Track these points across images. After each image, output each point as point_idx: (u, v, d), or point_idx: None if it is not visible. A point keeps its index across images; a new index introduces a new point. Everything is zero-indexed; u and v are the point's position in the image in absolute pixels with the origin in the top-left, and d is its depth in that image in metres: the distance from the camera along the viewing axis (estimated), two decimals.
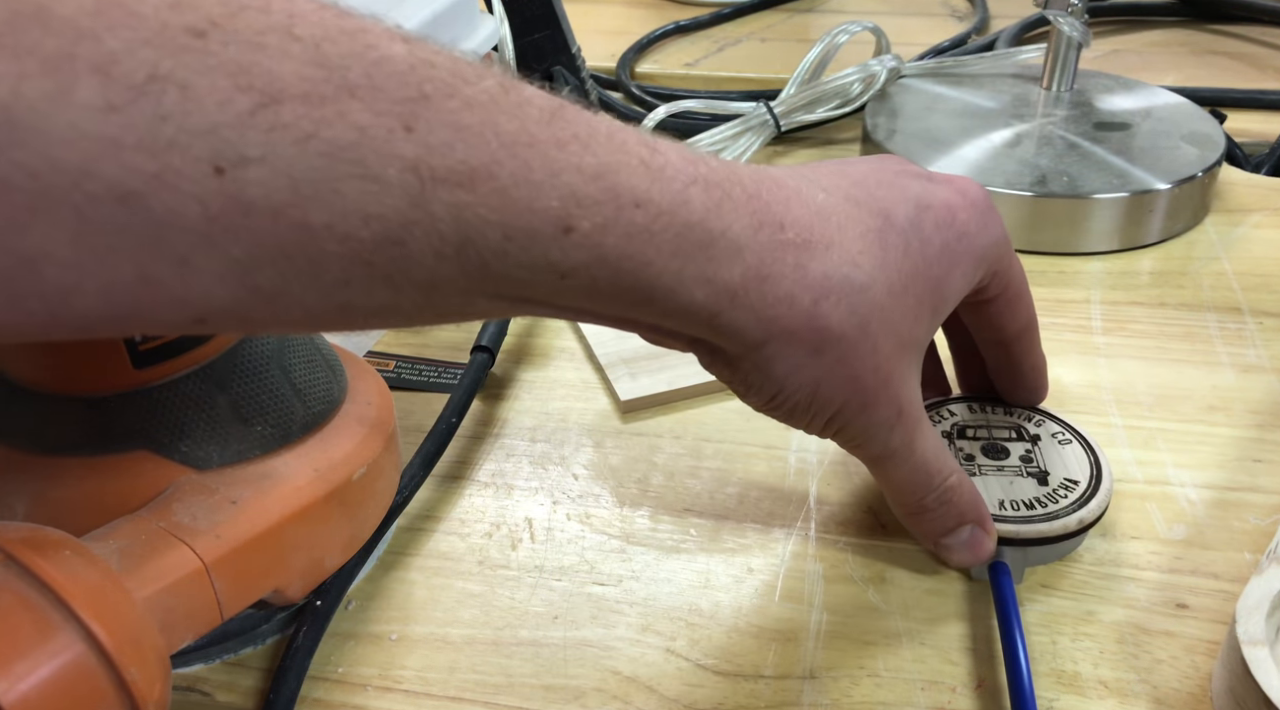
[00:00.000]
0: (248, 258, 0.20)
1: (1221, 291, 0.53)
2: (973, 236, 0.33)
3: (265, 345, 0.33)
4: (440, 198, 0.22)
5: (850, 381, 0.30)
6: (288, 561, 0.32)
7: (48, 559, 0.26)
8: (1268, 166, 0.68)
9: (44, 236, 0.19)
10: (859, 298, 0.29)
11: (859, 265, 0.30)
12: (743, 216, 0.27)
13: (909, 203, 0.32)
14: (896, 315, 0.31)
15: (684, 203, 0.26)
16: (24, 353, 0.31)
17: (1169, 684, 0.33)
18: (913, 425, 0.33)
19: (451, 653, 0.35)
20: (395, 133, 0.21)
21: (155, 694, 0.26)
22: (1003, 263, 0.35)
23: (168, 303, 0.21)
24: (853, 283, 0.29)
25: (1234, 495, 0.40)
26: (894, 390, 0.31)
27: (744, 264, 0.27)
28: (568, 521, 0.41)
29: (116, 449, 0.31)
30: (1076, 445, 0.40)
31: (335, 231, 0.21)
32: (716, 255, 0.27)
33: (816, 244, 0.29)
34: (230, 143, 0.19)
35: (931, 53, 0.82)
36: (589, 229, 0.24)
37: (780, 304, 0.28)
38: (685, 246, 0.26)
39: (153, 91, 0.19)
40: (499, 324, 0.48)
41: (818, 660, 0.34)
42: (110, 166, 0.19)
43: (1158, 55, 0.83)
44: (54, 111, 0.18)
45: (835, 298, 0.29)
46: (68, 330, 0.21)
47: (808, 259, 0.29)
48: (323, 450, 0.33)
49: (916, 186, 0.33)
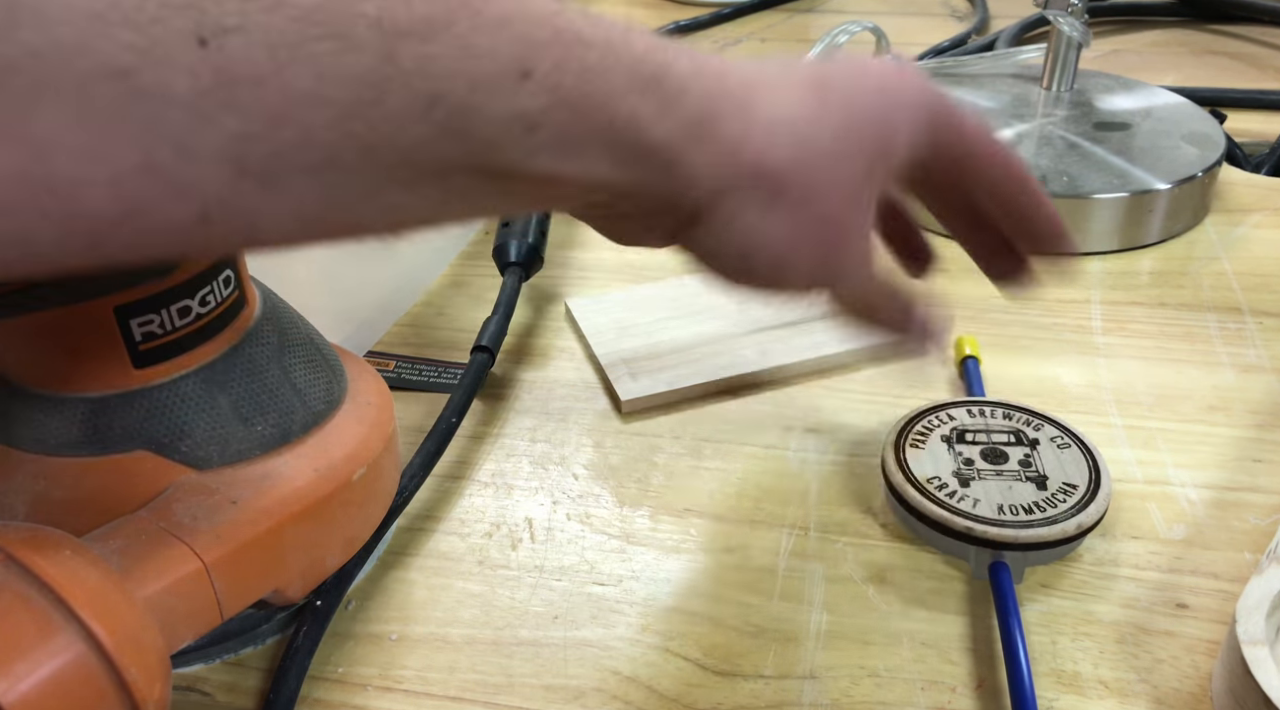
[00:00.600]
0: (241, 130, 0.21)
1: (1221, 291, 0.53)
2: (914, 89, 0.33)
3: (265, 345, 0.33)
4: (407, 51, 0.22)
5: (817, 224, 0.31)
6: (288, 561, 0.32)
7: (48, 559, 0.26)
8: (1268, 166, 0.68)
9: (51, 119, 0.19)
10: (807, 143, 0.30)
11: (804, 105, 0.30)
12: (683, 59, 0.28)
13: (847, 65, 0.33)
14: (844, 159, 0.31)
15: (627, 43, 0.27)
16: (25, 353, 0.31)
17: (1169, 684, 0.33)
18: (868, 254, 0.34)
19: (451, 653, 0.35)
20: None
21: (155, 694, 0.26)
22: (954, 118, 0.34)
23: (171, 189, 0.21)
24: (797, 126, 0.30)
25: (1234, 495, 0.40)
26: (855, 225, 0.32)
27: (694, 102, 0.28)
28: (568, 521, 0.41)
29: (117, 449, 0.31)
30: (1075, 449, 0.40)
31: (317, 95, 0.21)
32: (668, 91, 0.27)
33: (758, 89, 0.30)
34: (209, 13, 0.20)
35: (931, 53, 0.82)
36: (547, 69, 0.25)
37: (735, 145, 0.29)
38: (638, 81, 0.27)
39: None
40: (500, 325, 0.48)
41: (818, 660, 0.34)
42: (103, 43, 0.19)
43: (1158, 55, 0.83)
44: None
45: (784, 140, 0.30)
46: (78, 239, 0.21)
47: (751, 103, 0.29)
48: (323, 450, 0.33)
49: (852, 64, 0.33)
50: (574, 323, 0.52)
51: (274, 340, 0.34)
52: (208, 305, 0.32)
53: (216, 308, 0.32)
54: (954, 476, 0.39)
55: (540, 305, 0.54)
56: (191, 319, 0.31)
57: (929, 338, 0.37)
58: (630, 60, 0.26)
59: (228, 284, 0.32)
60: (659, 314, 0.52)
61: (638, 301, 0.53)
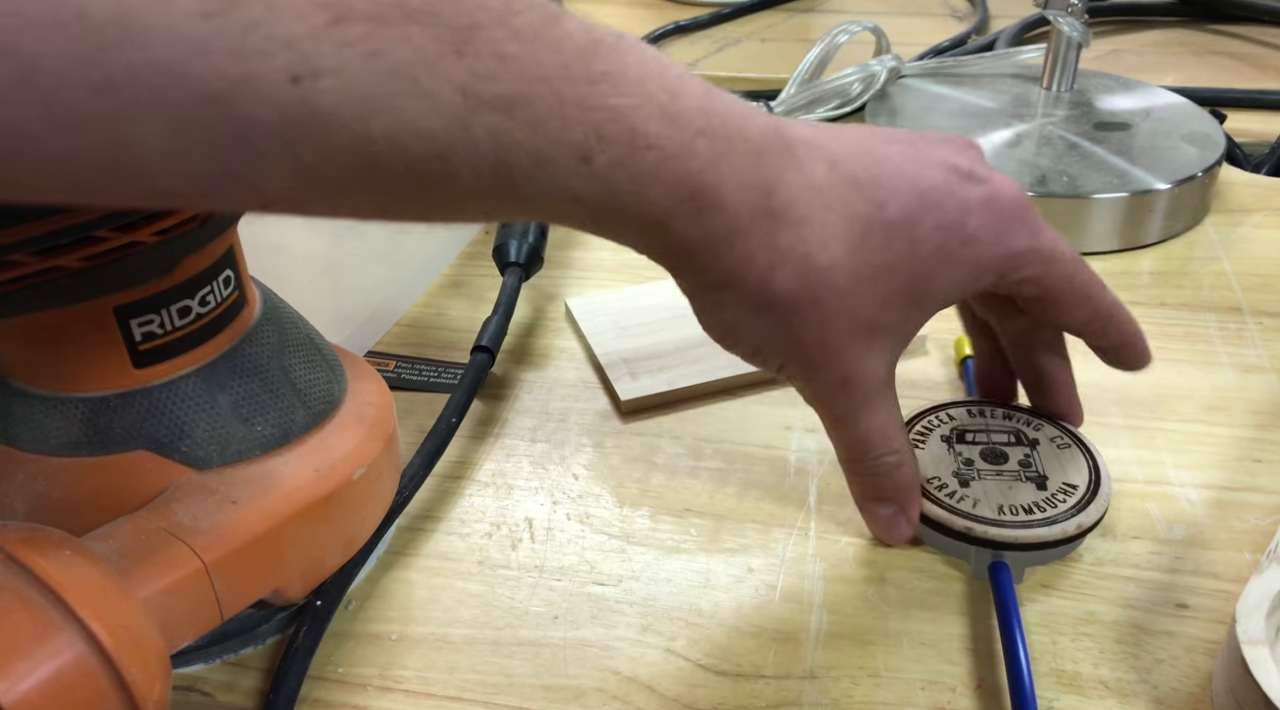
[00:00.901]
0: (316, 158, 0.23)
1: (1221, 291, 0.53)
2: (983, 242, 0.33)
3: (266, 345, 0.33)
4: (482, 121, 0.24)
5: (794, 346, 0.33)
6: (288, 561, 0.32)
7: (48, 559, 0.26)
8: (1268, 166, 0.68)
9: (143, 130, 0.21)
10: (816, 276, 0.31)
11: (827, 247, 0.31)
12: (736, 174, 0.29)
13: (916, 196, 0.33)
14: (858, 300, 0.32)
15: (689, 153, 0.28)
16: (25, 353, 0.31)
17: (1169, 684, 0.33)
18: (861, 399, 0.34)
19: (452, 653, 0.35)
20: (447, 57, 0.23)
21: (155, 694, 0.26)
22: (1032, 268, 0.35)
23: (242, 190, 0.23)
24: (813, 261, 0.31)
25: (1234, 495, 0.40)
26: (842, 364, 0.33)
27: (723, 218, 0.29)
28: (568, 521, 0.41)
29: (117, 449, 0.31)
30: (1075, 449, 0.40)
31: (392, 143, 0.23)
32: (704, 205, 0.29)
33: (793, 217, 0.31)
34: (306, 55, 0.21)
35: (931, 53, 0.82)
36: (605, 163, 0.26)
37: (740, 261, 0.30)
38: (680, 191, 0.28)
39: (241, 2, 0.21)
40: (499, 325, 0.48)
41: (818, 660, 0.34)
42: (203, 69, 0.20)
43: (1157, 55, 0.83)
44: (157, 15, 0.20)
45: (791, 269, 0.31)
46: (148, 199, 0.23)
47: (780, 228, 0.30)
48: (323, 450, 0.33)
49: (939, 180, 0.33)
50: (574, 322, 0.52)
51: (274, 340, 0.34)
52: (208, 305, 0.32)
53: (216, 308, 0.32)
54: (954, 477, 0.39)
55: (540, 305, 0.54)
56: (191, 319, 0.31)
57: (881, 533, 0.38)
58: (681, 172, 0.28)
59: (228, 284, 0.32)
60: (659, 314, 0.52)
61: (638, 301, 0.53)
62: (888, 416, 0.35)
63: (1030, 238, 0.34)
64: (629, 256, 0.58)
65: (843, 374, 0.33)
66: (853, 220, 0.32)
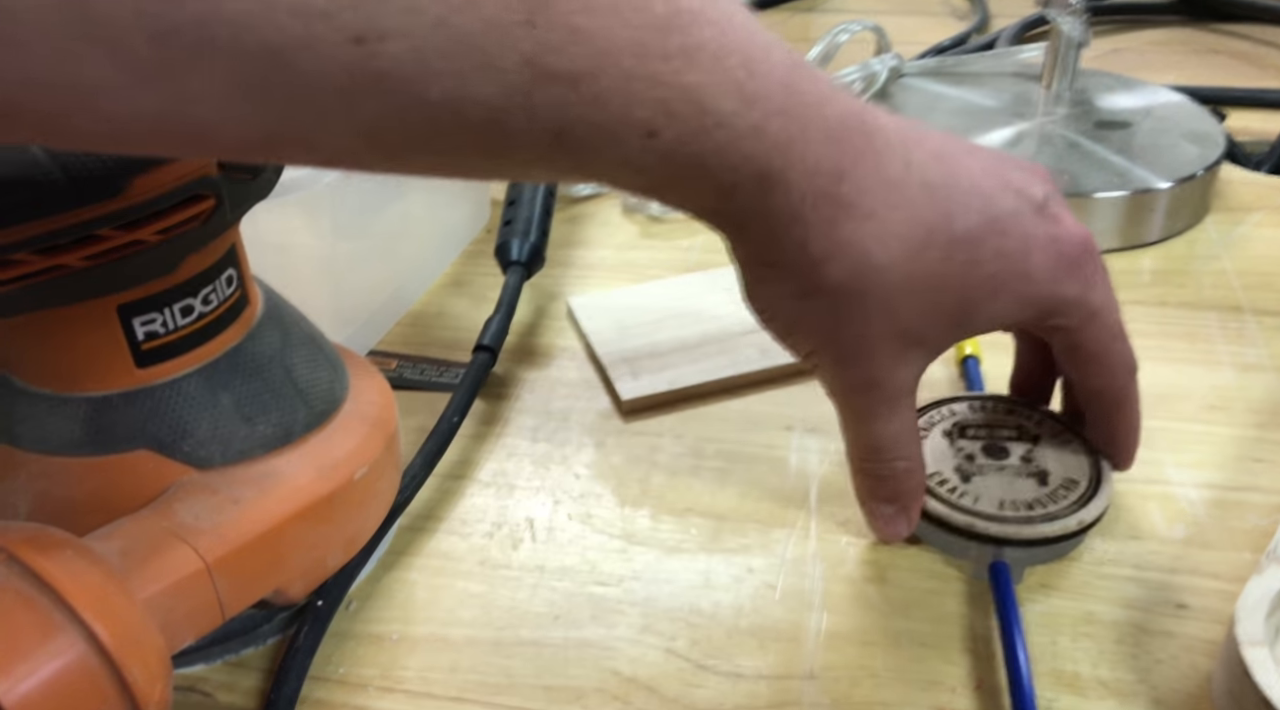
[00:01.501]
0: (375, 118, 0.23)
1: (1222, 290, 0.53)
2: (1036, 281, 0.33)
3: (268, 344, 0.34)
4: (546, 92, 0.23)
5: (830, 336, 0.32)
6: (289, 561, 0.32)
7: (50, 559, 0.26)
8: (1268, 165, 0.68)
9: (206, 83, 0.21)
10: (870, 274, 0.31)
11: (887, 246, 0.31)
12: (807, 158, 0.29)
13: (986, 217, 0.32)
14: (904, 306, 0.32)
15: (760, 133, 0.27)
16: (27, 352, 0.31)
17: (1169, 684, 0.33)
18: (883, 402, 0.34)
19: (452, 653, 0.35)
20: (518, 27, 0.23)
21: (156, 694, 0.26)
22: (1071, 319, 0.34)
23: (302, 148, 0.23)
24: (870, 258, 0.31)
25: (1234, 495, 0.41)
26: (872, 364, 0.33)
27: (787, 201, 0.29)
28: (569, 521, 0.41)
29: (119, 449, 0.31)
30: (1078, 445, 0.40)
31: (450, 108, 0.23)
32: (769, 186, 0.28)
33: (859, 209, 0.30)
34: (371, 17, 0.21)
35: (932, 52, 0.82)
36: (670, 139, 0.26)
37: (797, 246, 0.30)
38: (747, 170, 0.28)
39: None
40: (501, 324, 0.48)
41: (818, 660, 0.35)
42: (265, 25, 0.20)
43: (1158, 54, 0.83)
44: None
45: (844, 262, 0.30)
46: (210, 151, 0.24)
47: (844, 218, 0.30)
48: (325, 450, 0.33)
49: (1011, 206, 0.33)
50: (575, 322, 0.52)
51: (276, 339, 0.34)
52: (210, 304, 0.32)
53: (219, 306, 0.32)
54: (955, 472, 0.39)
55: (542, 304, 0.54)
56: (194, 318, 0.31)
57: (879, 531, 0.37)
58: (748, 151, 0.27)
59: (230, 283, 0.32)
60: (661, 313, 0.52)
61: (639, 300, 0.53)
62: (904, 423, 0.35)
63: (1082, 289, 0.34)
64: (631, 255, 0.58)
65: (871, 375, 0.33)
66: (917, 225, 0.31)
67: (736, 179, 0.28)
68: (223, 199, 0.30)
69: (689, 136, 0.26)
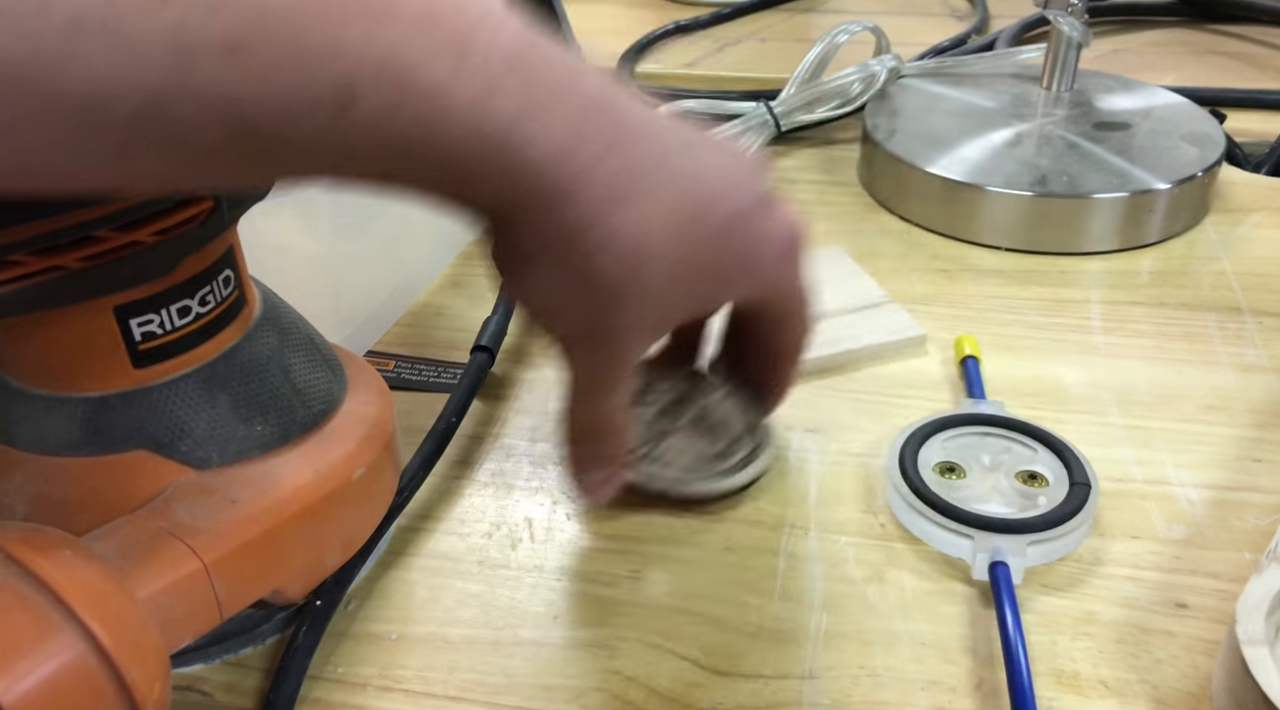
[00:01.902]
0: (7, 121, 0.20)
1: (1221, 291, 0.53)
2: (768, 269, 0.34)
3: (266, 345, 0.33)
4: (202, 68, 0.21)
5: (587, 322, 0.31)
6: (287, 561, 0.32)
7: (48, 559, 0.26)
8: (1268, 166, 0.68)
9: None
10: (641, 266, 0.29)
11: (655, 236, 0.29)
12: (564, 127, 0.26)
13: (733, 209, 0.32)
14: (669, 295, 0.31)
15: (493, 95, 0.24)
16: (24, 352, 0.31)
17: (1169, 684, 0.33)
18: (620, 379, 0.33)
19: (451, 652, 0.35)
20: (150, 2, 0.20)
21: (155, 694, 0.26)
22: (789, 300, 0.37)
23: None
24: (641, 249, 0.29)
25: (1234, 495, 0.40)
26: (625, 347, 0.32)
27: (542, 178, 0.26)
28: (568, 521, 0.40)
29: (116, 449, 0.31)
30: (741, 395, 0.41)
31: (92, 100, 0.20)
32: (516, 162, 0.26)
33: (626, 195, 0.28)
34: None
35: (931, 52, 0.82)
36: (369, 112, 0.23)
37: (558, 237, 0.28)
38: (481, 144, 0.25)
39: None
40: (499, 324, 0.48)
41: (818, 660, 0.34)
42: None
43: (1157, 55, 0.83)
44: None
45: (616, 253, 0.28)
46: None
47: (611, 206, 0.28)
48: (323, 450, 0.33)
49: (750, 198, 0.33)
50: None
51: (274, 340, 0.34)
52: (207, 305, 0.32)
53: (216, 307, 0.32)
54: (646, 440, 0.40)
55: None
56: (191, 319, 0.31)
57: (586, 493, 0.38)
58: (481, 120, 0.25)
59: (227, 284, 0.32)
60: None
61: None
62: (629, 393, 0.35)
63: (797, 274, 0.36)
64: None
65: (622, 356, 0.32)
66: (680, 212, 0.30)
67: (464, 160, 0.25)
68: (220, 200, 0.30)
69: (391, 109, 0.23)
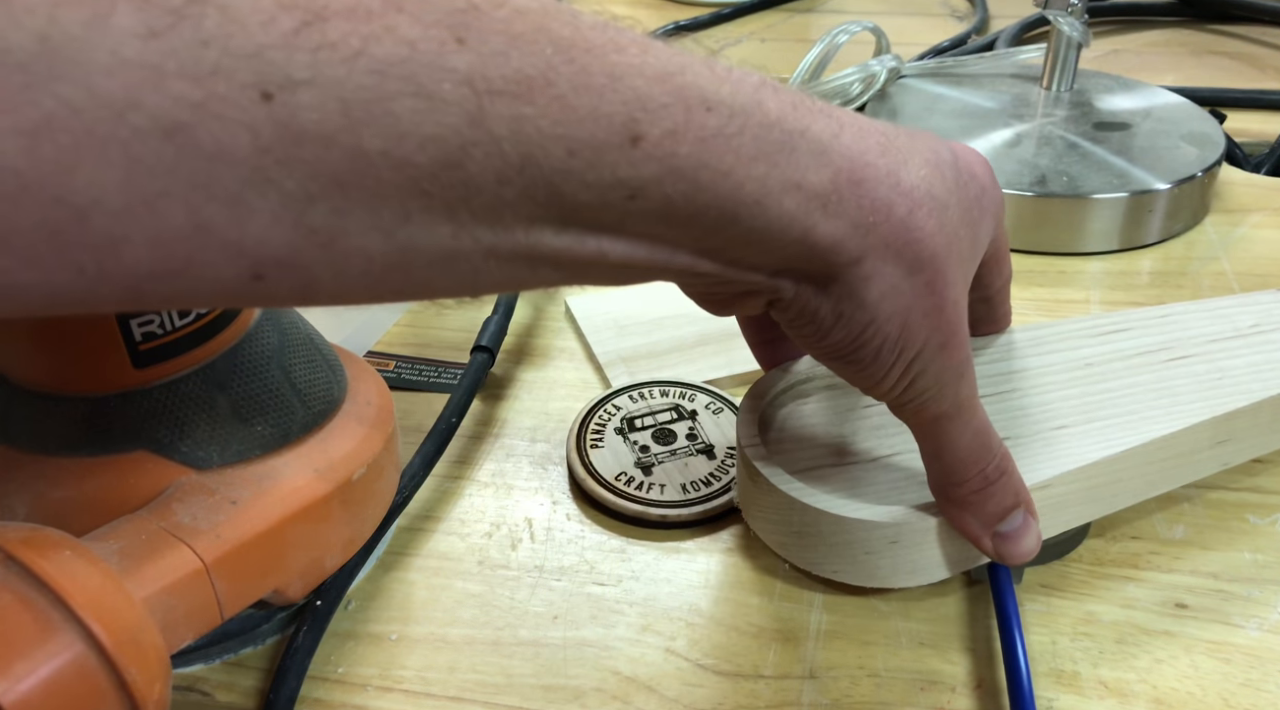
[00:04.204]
0: (302, 191, 0.19)
1: (1221, 291, 0.53)
2: (992, 193, 0.32)
3: (265, 345, 0.33)
4: (498, 112, 0.20)
5: (935, 313, 0.28)
6: (288, 561, 0.32)
7: (48, 559, 0.26)
8: (1267, 166, 0.68)
9: (92, 179, 0.18)
10: (944, 215, 0.27)
11: (937, 186, 0.27)
12: (820, 119, 0.25)
13: (944, 152, 0.29)
14: (965, 246, 0.29)
15: (757, 104, 0.24)
16: (25, 353, 0.31)
17: (1168, 684, 0.33)
18: (973, 376, 0.30)
19: (451, 653, 0.35)
20: (447, 45, 0.20)
21: (155, 694, 0.26)
22: (1002, 225, 0.34)
23: (221, 250, 0.20)
24: (937, 198, 0.27)
25: (1234, 495, 0.40)
26: (965, 331, 0.29)
27: (833, 166, 0.25)
28: (568, 521, 0.41)
29: (117, 449, 0.31)
30: (728, 412, 0.42)
31: (391, 157, 0.20)
32: (801, 159, 0.24)
33: (900, 153, 0.27)
34: (276, 65, 0.18)
35: (931, 53, 0.82)
36: (658, 136, 0.22)
37: (878, 210, 0.26)
38: (766, 149, 0.24)
39: (192, 14, 0.18)
40: (500, 324, 0.48)
41: (818, 660, 0.34)
42: (154, 96, 0.18)
43: (1157, 55, 0.83)
44: (93, 39, 0.17)
45: (927, 209, 0.27)
46: (114, 290, 0.20)
47: (898, 165, 0.26)
48: (323, 450, 0.33)
49: (942, 144, 0.30)
50: (574, 322, 0.52)
51: (274, 340, 0.34)
52: None
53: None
54: (636, 467, 0.41)
55: (540, 304, 0.54)
56: (191, 319, 0.31)
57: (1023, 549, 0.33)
58: (758, 126, 0.24)
59: None
60: (658, 313, 0.51)
61: (637, 300, 0.53)
62: None
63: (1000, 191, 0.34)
64: None
65: (965, 347, 0.29)
66: (931, 161, 0.28)
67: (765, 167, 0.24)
68: None
69: (680, 129, 0.23)
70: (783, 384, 0.39)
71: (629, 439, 0.42)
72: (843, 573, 0.35)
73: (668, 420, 0.42)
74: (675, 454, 0.41)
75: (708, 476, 0.40)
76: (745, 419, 0.37)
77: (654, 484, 0.40)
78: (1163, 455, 0.36)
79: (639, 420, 0.43)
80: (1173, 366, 0.39)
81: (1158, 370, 0.39)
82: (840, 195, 0.25)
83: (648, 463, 0.41)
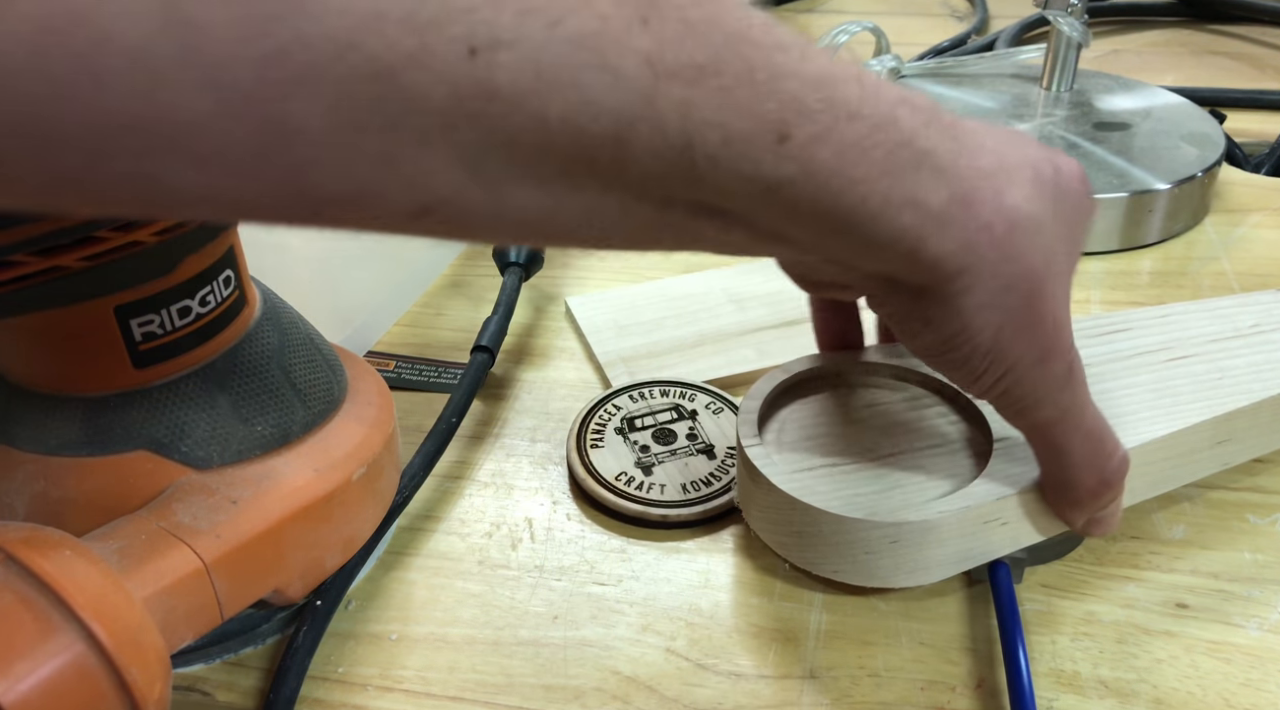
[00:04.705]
0: (480, 144, 0.20)
1: (1221, 291, 0.53)
2: (1087, 205, 0.32)
3: (265, 345, 0.34)
4: (669, 94, 0.21)
5: (1031, 328, 0.29)
6: (288, 561, 0.32)
7: (48, 559, 0.26)
8: (1267, 166, 0.68)
9: (303, 109, 0.19)
10: (1041, 236, 0.28)
11: (1037, 206, 0.28)
12: (946, 140, 0.27)
13: (1046, 168, 0.30)
14: (1062, 261, 0.30)
15: (894, 120, 0.25)
16: (25, 352, 0.31)
17: (1169, 684, 0.33)
18: (1081, 383, 0.31)
19: (451, 652, 0.35)
20: (633, 25, 0.21)
21: (155, 694, 0.26)
22: None
23: (397, 185, 0.21)
24: (1035, 219, 0.28)
25: (1234, 495, 0.40)
26: (1067, 342, 0.30)
27: (949, 187, 0.26)
28: (568, 521, 0.41)
29: (117, 449, 0.31)
30: (729, 413, 0.42)
31: (568, 124, 0.21)
32: (924, 177, 0.26)
33: (1008, 172, 0.28)
34: (486, 23, 0.19)
35: (931, 53, 0.82)
36: (804, 139, 0.23)
37: (982, 230, 0.27)
38: (895, 165, 0.25)
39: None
40: (500, 324, 0.48)
41: (818, 660, 0.34)
42: (373, 40, 0.19)
43: (1157, 55, 0.83)
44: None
45: (1025, 230, 0.28)
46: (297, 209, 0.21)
47: (1004, 186, 0.28)
48: (323, 450, 0.33)
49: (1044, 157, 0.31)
50: (574, 322, 0.52)
51: (274, 340, 0.34)
52: (208, 305, 0.32)
53: (216, 308, 0.32)
54: (636, 467, 0.41)
55: (540, 305, 0.54)
56: (192, 319, 0.31)
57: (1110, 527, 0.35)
58: (892, 143, 0.25)
59: (228, 284, 0.32)
60: (659, 313, 0.52)
61: (638, 301, 0.53)
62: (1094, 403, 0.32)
63: None
64: (629, 256, 0.58)
65: (1068, 357, 0.30)
66: (1034, 179, 0.29)
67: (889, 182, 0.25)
68: None
69: (824, 135, 0.24)
70: (783, 384, 0.39)
71: (629, 439, 0.42)
72: (843, 572, 0.35)
73: (668, 420, 0.42)
74: (675, 454, 0.41)
75: (708, 476, 0.40)
76: (745, 419, 0.37)
77: (654, 484, 0.40)
78: (1163, 455, 0.37)
79: (639, 420, 0.43)
80: (1173, 366, 0.39)
81: (1158, 370, 0.39)
82: (951, 215, 0.27)
83: (648, 463, 0.41)
